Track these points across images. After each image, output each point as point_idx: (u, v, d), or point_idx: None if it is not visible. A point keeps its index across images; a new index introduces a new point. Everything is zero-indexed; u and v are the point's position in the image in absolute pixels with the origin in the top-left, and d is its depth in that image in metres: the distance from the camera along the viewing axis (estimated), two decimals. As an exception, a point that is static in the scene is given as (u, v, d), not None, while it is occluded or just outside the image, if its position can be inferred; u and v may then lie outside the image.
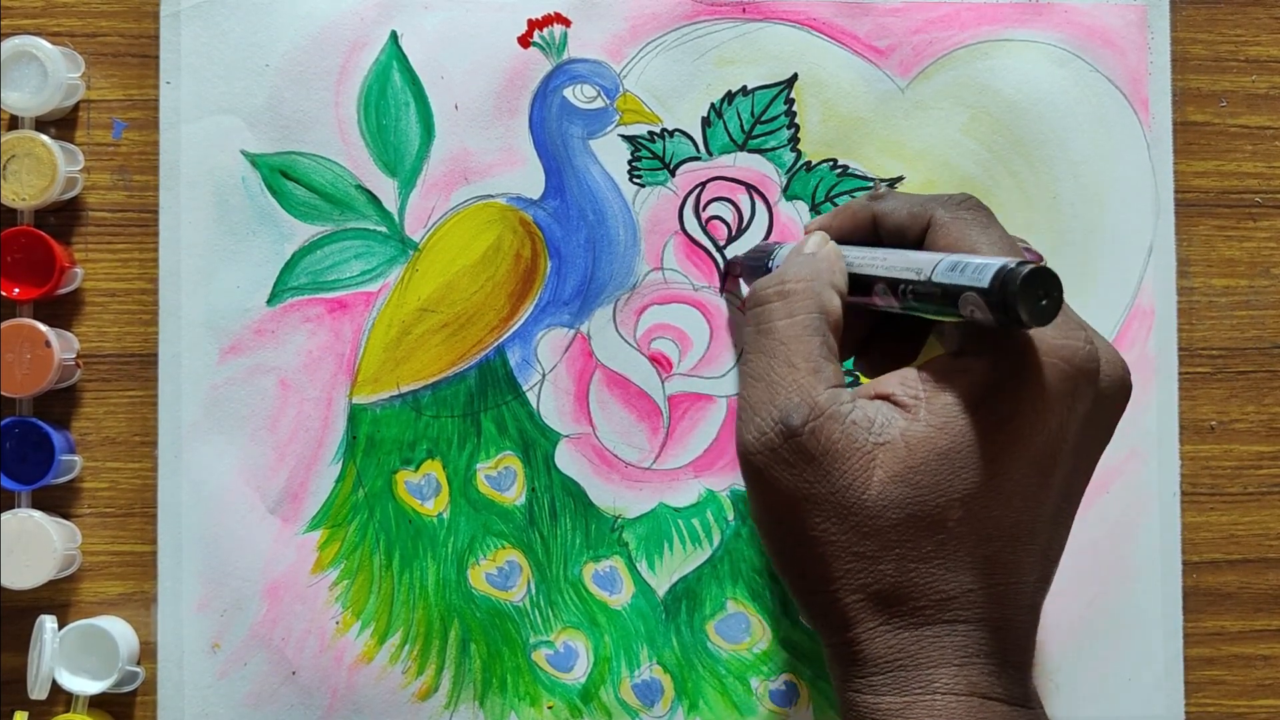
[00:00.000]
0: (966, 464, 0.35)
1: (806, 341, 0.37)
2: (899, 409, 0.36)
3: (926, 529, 0.35)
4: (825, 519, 0.36)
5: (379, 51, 0.51)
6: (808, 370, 0.37)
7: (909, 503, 0.35)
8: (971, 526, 0.35)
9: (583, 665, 0.51)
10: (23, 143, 0.49)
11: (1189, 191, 0.53)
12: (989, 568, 0.36)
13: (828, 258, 0.40)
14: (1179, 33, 0.53)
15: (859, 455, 0.36)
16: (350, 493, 0.50)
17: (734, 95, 0.51)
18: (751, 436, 0.37)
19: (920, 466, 0.35)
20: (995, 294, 0.34)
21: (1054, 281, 0.34)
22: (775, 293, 0.39)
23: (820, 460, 0.36)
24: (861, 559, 0.36)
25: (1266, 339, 0.53)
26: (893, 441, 0.35)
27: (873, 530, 0.35)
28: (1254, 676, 0.53)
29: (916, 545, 0.35)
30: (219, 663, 0.50)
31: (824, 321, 0.38)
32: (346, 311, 0.50)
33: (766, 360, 0.37)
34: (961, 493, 0.35)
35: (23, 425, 0.50)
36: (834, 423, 0.36)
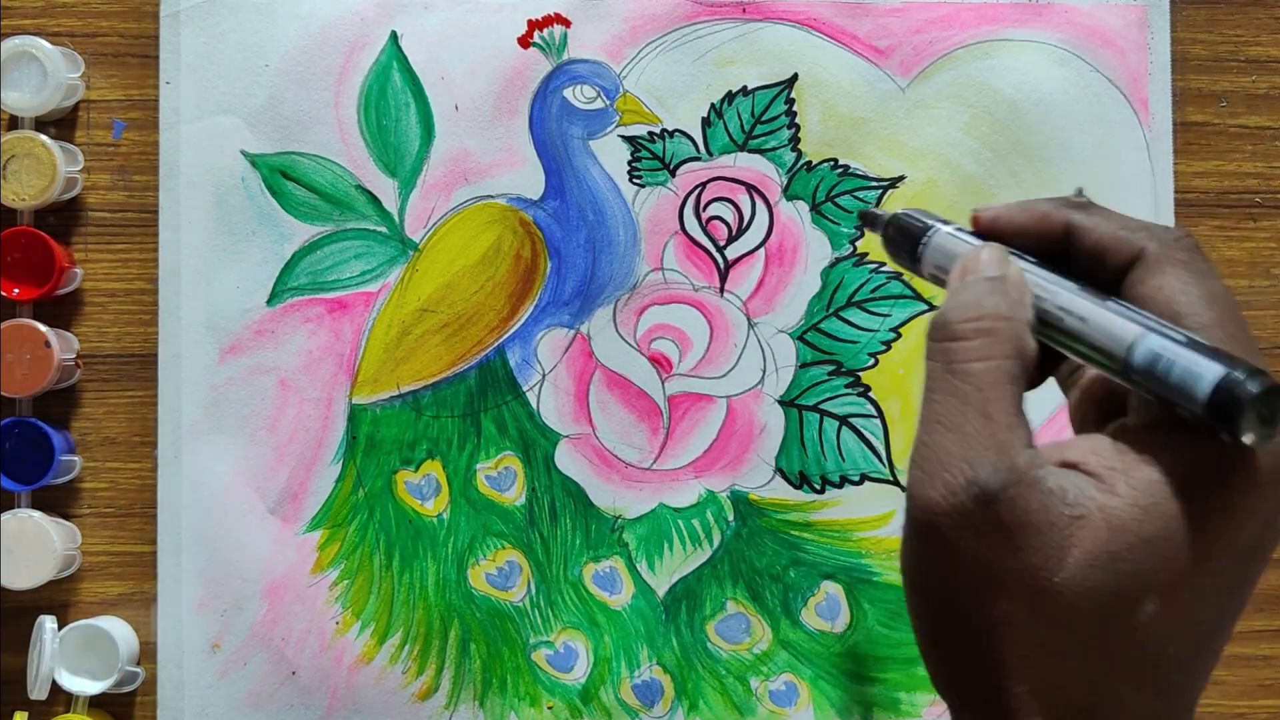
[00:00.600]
0: (1173, 554, 0.31)
1: (1005, 390, 0.32)
2: (1093, 479, 0.32)
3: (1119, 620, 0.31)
4: (1011, 600, 0.31)
5: (379, 52, 0.51)
6: (1005, 425, 0.32)
7: (1108, 590, 0.31)
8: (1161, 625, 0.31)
9: (583, 665, 0.51)
10: (23, 143, 0.49)
11: (1189, 191, 0.53)
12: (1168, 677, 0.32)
13: (1019, 288, 0.34)
14: (1179, 33, 0.53)
15: (1056, 530, 0.31)
16: (350, 493, 0.50)
17: (734, 95, 0.51)
18: (939, 495, 0.32)
19: (1122, 552, 0.31)
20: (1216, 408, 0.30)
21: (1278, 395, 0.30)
22: (973, 328, 0.33)
23: (1015, 533, 0.31)
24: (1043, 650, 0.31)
25: (1267, 339, 0.53)
26: (1090, 517, 0.31)
27: (1061, 621, 0.31)
28: (1254, 677, 0.53)
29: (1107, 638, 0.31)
30: (219, 663, 0.50)
31: (1021, 368, 0.33)
32: (346, 311, 0.50)
33: (959, 406, 0.32)
34: (1162, 584, 0.31)
35: (23, 425, 0.50)
36: (1033, 491, 0.31)
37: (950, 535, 0.32)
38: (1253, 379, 0.30)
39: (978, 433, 0.32)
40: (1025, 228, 0.37)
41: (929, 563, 0.33)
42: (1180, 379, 0.31)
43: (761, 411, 0.51)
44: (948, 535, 0.32)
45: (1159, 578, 0.31)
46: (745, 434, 0.51)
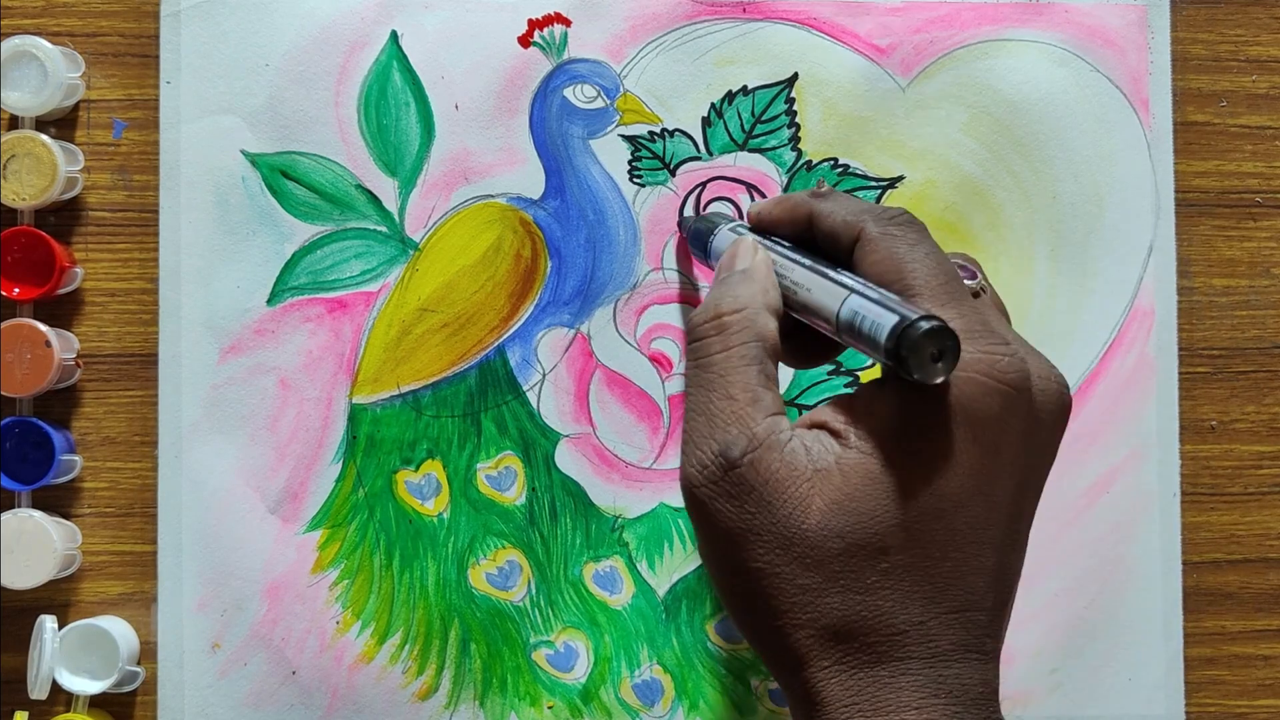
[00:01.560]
0: (901, 488, 0.35)
1: (743, 372, 0.37)
2: (834, 436, 0.36)
3: (869, 557, 0.34)
4: (768, 550, 0.35)
5: (379, 51, 0.51)
6: (746, 401, 0.36)
7: (849, 531, 0.34)
8: (915, 553, 0.35)
9: (583, 665, 0.51)
10: (23, 143, 0.49)
11: (1189, 191, 0.53)
12: (939, 595, 0.35)
13: (761, 278, 0.39)
14: (1179, 33, 0.53)
15: (797, 484, 0.35)
16: (350, 493, 0.50)
17: (734, 95, 0.51)
18: (694, 470, 0.36)
19: (855, 493, 0.35)
20: (891, 351, 0.34)
21: (949, 337, 0.34)
22: (712, 326, 0.38)
23: (760, 491, 0.35)
24: (807, 591, 0.35)
25: (1267, 339, 0.53)
26: (828, 469, 0.35)
27: (815, 561, 0.35)
28: (1254, 676, 0.53)
29: (860, 576, 0.35)
30: (219, 663, 0.50)
31: (761, 349, 0.37)
32: (346, 311, 0.50)
33: (705, 394, 0.37)
34: (899, 518, 0.34)
35: (23, 425, 0.50)
36: (772, 452, 0.35)
37: (709, 503, 0.36)
38: (923, 322, 0.34)
39: (720, 412, 0.36)
40: (781, 218, 0.42)
41: (701, 530, 0.37)
42: (870, 331, 0.35)
43: (762, 411, 0.51)
44: (707, 504, 0.36)
45: (894, 513, 0.35)
46: (745, 434, 0.51)
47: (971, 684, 0.35)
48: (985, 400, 0.35)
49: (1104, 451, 0.52)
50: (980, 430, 0.35)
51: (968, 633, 0.35)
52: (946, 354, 0.34)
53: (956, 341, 0.34)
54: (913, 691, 0.34)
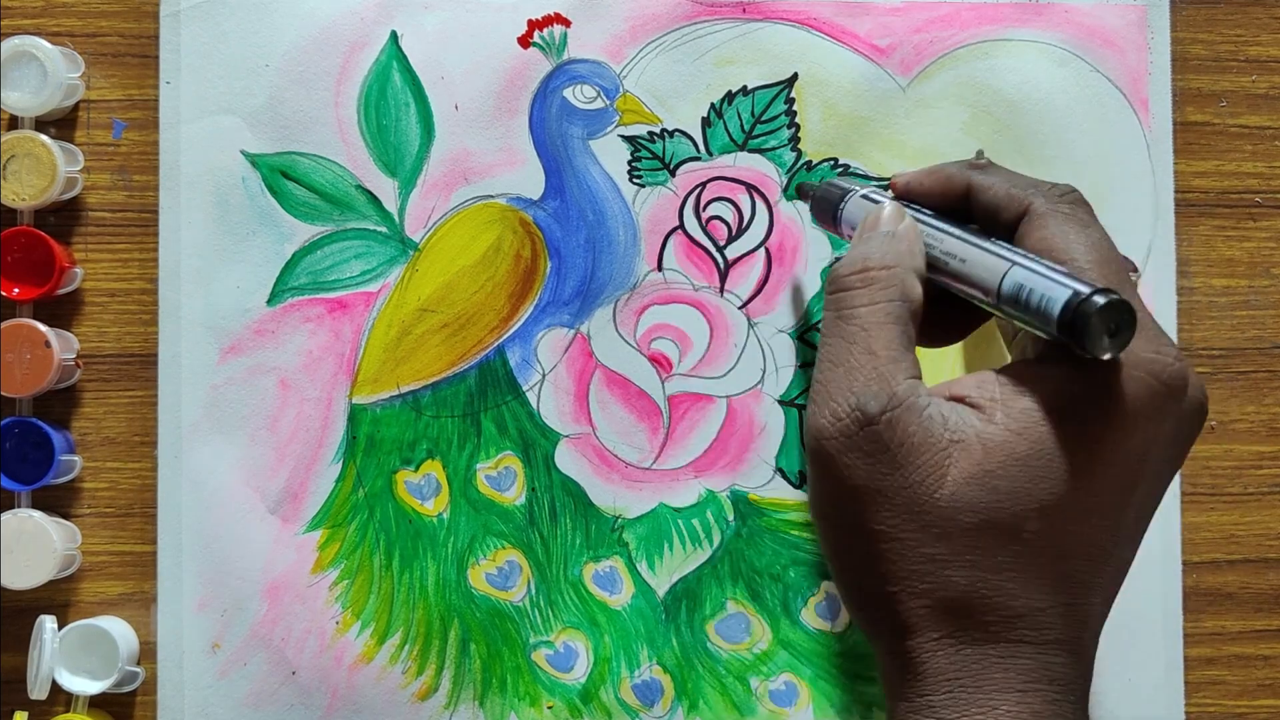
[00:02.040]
0: (1046, 473, 0.34)
1: (888, 329, 0.36)
2: (975, 410, 0.35)
3: (1001, 538, 0.34)
4: (896, 514, 0.34)
5: (379, 51, 0.51)
6: (888, 359, 0.35)
7: (984, 507, 0.34)
8: (1049, 540, 0.34)
9: (583, 665, 0.51)
10: (23, 143, 0.49)
11: (1189, 191, 0.53)
12: (1063, 586, 0.34)
13: (909, 239, 0.38)
14: (1179, 33, 0.53)
15: (934, 451, 0.34)
16: (350, 493, 0.50)
17: (734, 95, 0.51)
18: (826, 421, 0.35)
19: (997, 470, 0.34)
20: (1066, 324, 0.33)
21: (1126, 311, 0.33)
22: (858, 278, 0.37)
23: (895, 452, 0.34)
24: (930, 561, 0.34)
25: (1267, 339, 0.53)
26: (967, 441, 0.34)
27: (945, 532, 0.34)
28: (1254, 677, 0.53)
29: (990, 554, 0.34)
30: (219, 663, 0.50)
31: (905, 310, 0.37)
32: (346, 311, 0.50)
33: (846, 345, 0.36)
34: (1040, 503, 0.34)
35: (23, 425, 0.50)
36: (911, 415, 0.35)
37: (838, 457, 0.35)
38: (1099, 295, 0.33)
39: (861, 366, 0.35)
40: (933, 189, 0.41)
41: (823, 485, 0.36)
42: (1039, 303, 0.34)
43: (762, 411, 0.51)
44: (835, 457, 0.35)
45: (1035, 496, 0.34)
46: (745, 434, 0.51)
47: (1073, 675, 0.35)
48: (1147, 400, 0.34)
49: (1104, 452, 0.52)
50: (1135, 430, 0.34)
51: (1079, 627, 0.35)
52: (1122, 329, 0.33)
53: (1133, 317, 0.33)
54: (1018, 674, 0.34)
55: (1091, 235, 0.37)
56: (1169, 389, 0.34)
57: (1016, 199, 0.38)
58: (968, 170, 0.41)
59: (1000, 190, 0.39)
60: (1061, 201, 0.38)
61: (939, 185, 0.41)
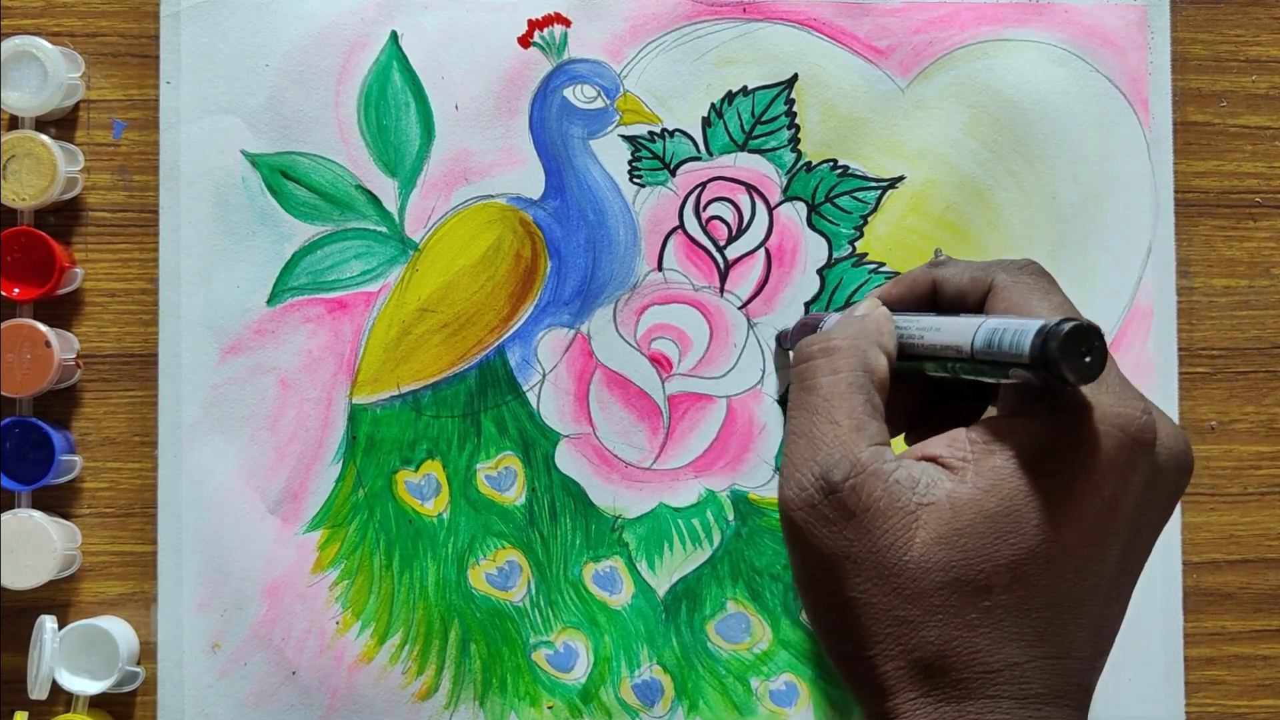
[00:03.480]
0: (1015, 528, 0.34)
1: (850, 398, 0.37)
2: (946, 470, 0.35)
3: (971, 595, 0.34)
4: (865, 579, 0.35)
5: (379, 51, 0.51)
6: (850, 427, 0.36)
7: (953, 566, 0.34)
8: (1019, 595, 0.34)
9: (583, 665, 0.51)
10: (23, 143, 0.49)
11: (1189, 191, 0.53)
12: (1038, 640, 0.34)
13: (876, 320, 0.39)
14: (1179, 33, 0.53)
15: (901, 514, 0.35)
16: (350, 493, 0.50)
17: (734, 95, 0.51)
18: (792, 492, 0.36)
19: (966, 529, 0.34)
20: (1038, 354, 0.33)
21: (1096, 336, 0.33)
22: (820, 349, 0.38)
23: (861, 518, 0.35)
24: (903, 624, 0.34)
25: (1266, 339, 0.53)
26: (938, 503, 0.34)
27: (915, 593, 0.34)
28: (1254, 677, 0.53)
29: (960, 612, 0.34)
30: (219, 663, 0.50)
31: (869, 379, 0.37)
32: (346, 311, 0.50)
33: (809, 417, 0.37)
34: (1009, 559, 0.34)
35: (23, 425, 0.50)
36: (876, 480, 0.35)
37: (805, 528, 0.35)
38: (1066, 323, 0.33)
39: (824, 436, 0.36)
40: (903, 294, 0.42)
41: (797, 555, 0.36)
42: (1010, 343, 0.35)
43: (761, 411, 0.51)
44: (804, 528, 0.36)
45: (1004, 552, 0.34)
46: (745, 434, 0.51)
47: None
48: (1115, 453, 0.34)
49: (1104, 452, 0.52)
50: (1103, 482, 0.34)
51: (1062, 680, 0.35)
52: (1095, 352, 0.33)
53: (1103, 342, 0.33)
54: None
55: (1054, 299, 0.38)
56: (1136, 441, 0.35)
57: (979, 280, 0.39)
58: (930, 270, 0.42)
59: (964, 277, 0.40)
60: (1022, 274, 0.39)
61: (906, 289, 0.42)
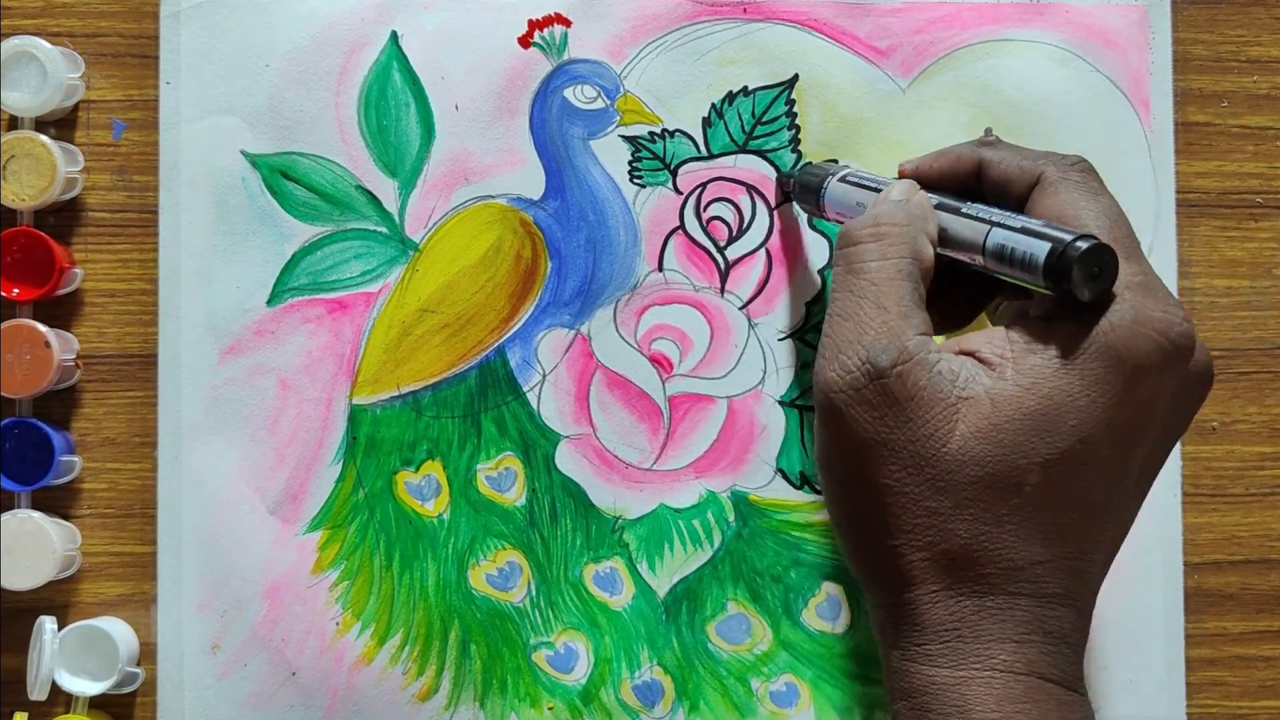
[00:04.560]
0: (1052, 427, 0.34)
1: (899, 285, 0.36)
2: (984, 366, 0.35)
3: (1003, 491, 0.34)
4: (901, 467, 0.35)
5: (379, 52, 0.51)
6: (898, 314, 0.36)
7: (989, 460, 0.34)
8: (1049, 494, 0.34)
9: (583, 666, 0.51)
10: (23, 143, 0.49)
11: (1190, 192, 0.53)
12: (1061, 540, 0.35)
13: (920, 205, 0.39)
14: (1180, 33, 0.53)
15: (943, 405, 0.35)
16: (350, 493, 0.50)
17: (735, 96, 0.51)
18: (835, 374, 0.36)
19: (1004, 425, 0.34)
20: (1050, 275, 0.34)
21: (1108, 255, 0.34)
22: (870, 234, 0.38)
23: (904, 405, 0.35)
24: (933, 514, 0.35)
25: (1268, 339, 0.53)
26: (977, 397, 0.35)
27: (949, 485, 0.34)
28: (1256, 678, 0.53)
29: (991, 507, 0.34)
30: (219, 664, 0.50)
31: (916, 267, 0.37)
32: (346, 312, 0.50)
33: (856, 300, 0.36)
34: (1043, 457, 0.34)
35: (23, 425, 0.50)
36: (921, 369, 0.35)
37: (846, 410, 0.35)
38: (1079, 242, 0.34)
39: (871, 320, 0.36)
40: (944, 170, 0.42)
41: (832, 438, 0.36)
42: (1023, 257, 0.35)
43: (762, 412, 0.51)
44: (844, 410, 0.35)
45: (1039, 450, 0.34)
46: (746, 434, 0.51)
47: (1068, 629, 0.35)
48: (1154, 357, 0.35)
49: (1105, 452, 0.52)
50: (1140, 386, 0.35)
51: (1076, 580, 0.35)
52: (1105, 270, 0.34)
53: (1114, 258, 0.34)
54: (1015, 625, 0.34)
55: (1102, 201, 0.38)
56: (1175, 347, 0.35)
57: (1027, 170, 0.39)
58: (977, 148, 0.41)
59: (1011, 164, 0.40)
60: (1072, 170, 0.39)
61: (949, 165, 0.42)
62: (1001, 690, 0.34)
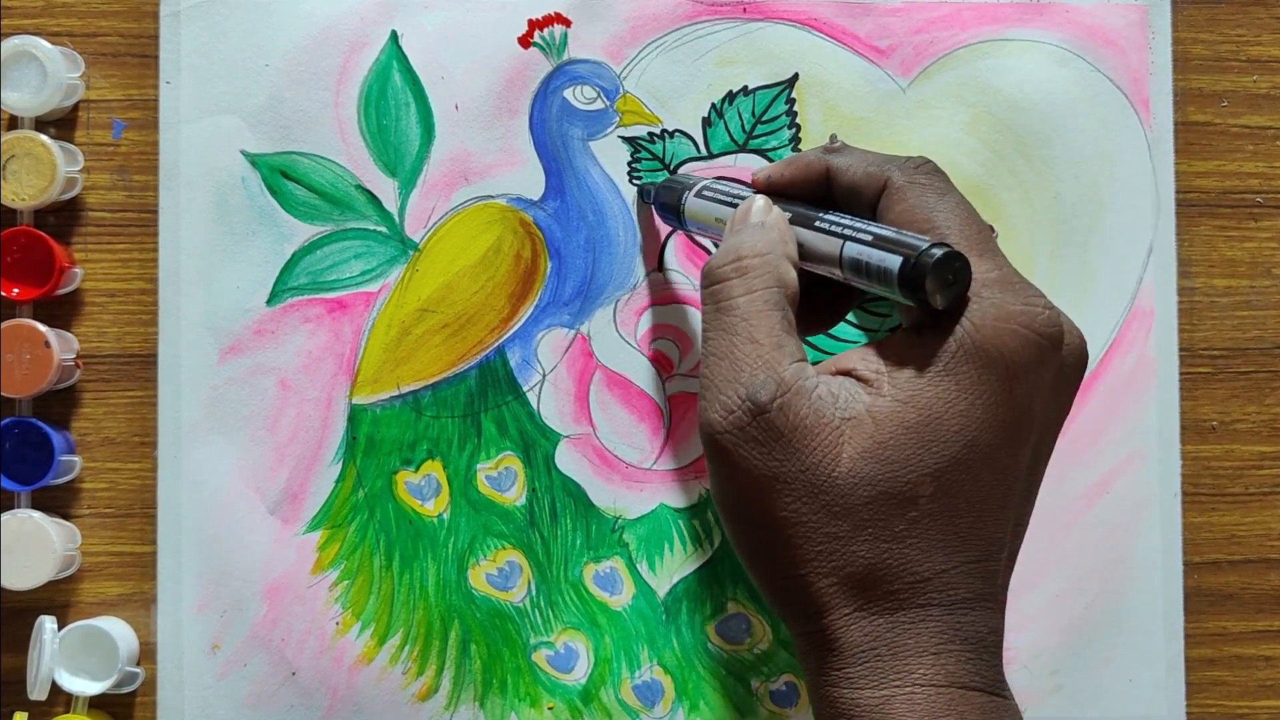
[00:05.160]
0: (936, 437, 0.34)
1: (768, 316, 0.37)
2: (862, 384, 0.36)
3: (898, 506, 0.34)
4: (795, 498, 0.35)
5: (379, 51, 0.51)
6: (771, 345, 0.36)
7: (880, 479, 0.34)
8: (944, 502, 0.35)
9: (583, 666, 0.51)
10: (23, 143, 0.49)
11: (1190, 191, 0.53)
12: (963, 545, 0.35)
13: (778, 228, 0.39)
14: (1180, 32, 0.53)
15: (827, 430, 0.35)
16: (350, 493, 0.50)
17: (735, 95, 0.51)
18: (718, 415, 0.36)
19: (889, 441, 0.34)
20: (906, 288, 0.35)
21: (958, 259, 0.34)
22: (733, 269, 0.38)
23: (789, 437, 0.35)
24: (834, 540, 0.35)
25: (1268, 339, 0.53)
26: (859, 417, 0.35)
27: (844, 509, 0.35)
28: (1255, 677, 0.53)
29: (889, 524, 0.34)
30: (219, 663, 0.50)
31: (782, 295, 0.37)
32: (346, 312, 0.50)
33: (728, 337, 0.37)
34: (933, 467, 0.34)
35: (23, 425, 0.50)
36: (801, 398, 0.35)
37: (733, 449, 0.35)
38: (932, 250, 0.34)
39: (746, 356, 0.36)
40: (794, 178, 0.42)
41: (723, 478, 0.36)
42: (878, 271, 0.36)
43: (762, 412, 0.51)
44: (731, 450, 0.35)
45: (927, 461, 0.34)
46: (746, 434, 0.51)
47: (984, 631, 0.35)
48: (1024, 351, 0.35)
49: (1104, 452, 0.52)
50: (1016, 382, 0.35)
51: (984, 582, 0.35)
52: (959, 276, 0.34)
53: (966, 263, 0.34)
54: (930, 637, 0.35)
55: (949, 200, 0.38)
56: (1042, 337, 0.35)
57: (874, 176, 0.39)
58: (824, 155, 0.41)
59: (858, 170, 0.40)
60: (918, 173, 0.39)
61: (799, 174, 0.42)
62: (924, 705, 0.34)
